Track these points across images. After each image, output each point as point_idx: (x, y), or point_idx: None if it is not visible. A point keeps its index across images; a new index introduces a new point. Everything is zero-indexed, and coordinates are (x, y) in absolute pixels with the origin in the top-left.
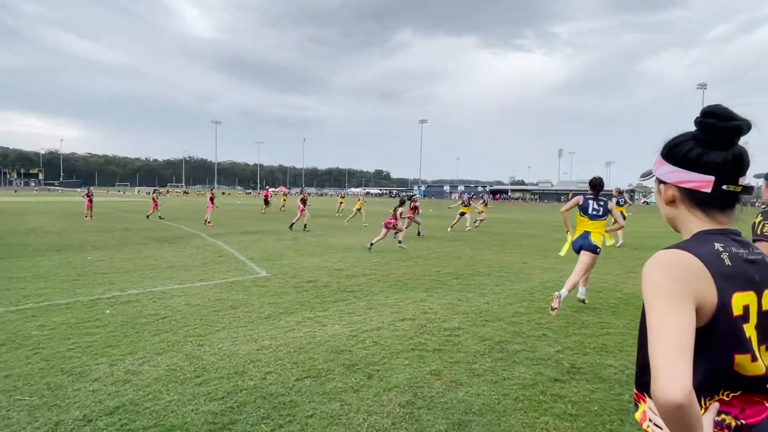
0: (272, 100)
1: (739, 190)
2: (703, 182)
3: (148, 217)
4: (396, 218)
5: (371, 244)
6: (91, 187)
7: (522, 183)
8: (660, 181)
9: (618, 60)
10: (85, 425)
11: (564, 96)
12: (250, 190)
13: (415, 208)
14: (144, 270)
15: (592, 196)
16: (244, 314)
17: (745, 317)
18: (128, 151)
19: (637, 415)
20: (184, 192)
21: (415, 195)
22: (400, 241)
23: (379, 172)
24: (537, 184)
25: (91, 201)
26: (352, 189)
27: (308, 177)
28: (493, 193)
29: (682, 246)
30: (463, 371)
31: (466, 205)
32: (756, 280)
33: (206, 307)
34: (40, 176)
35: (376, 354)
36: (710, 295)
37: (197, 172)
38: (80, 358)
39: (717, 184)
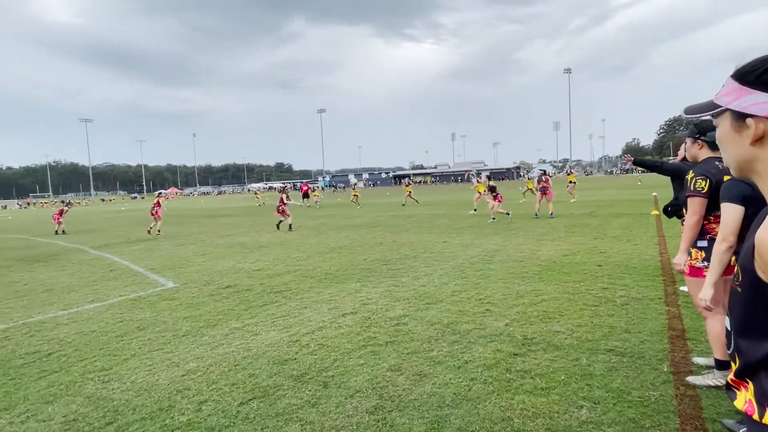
0: (154, 93)
1: None
2: None
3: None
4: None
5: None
6: None
7: (421, 167)
8: (741, 115)
9: (498, 49)
10: None
11: (453, 83)
12: (135, 195)
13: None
14: (11, 298)
15: None
16: (156, 335)
17: None
18: None
19: (739, 404)
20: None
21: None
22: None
23: (280, 165)
24: (435, 167)
25: None
26: (253, 185)
27: (202, 175)
28: (396, 178)
29: None
30: (423, 361)
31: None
32: None
33: (105, 333)
34: None
35: (326, 358)
36: None
37: (67, 179)
38: None
39: None
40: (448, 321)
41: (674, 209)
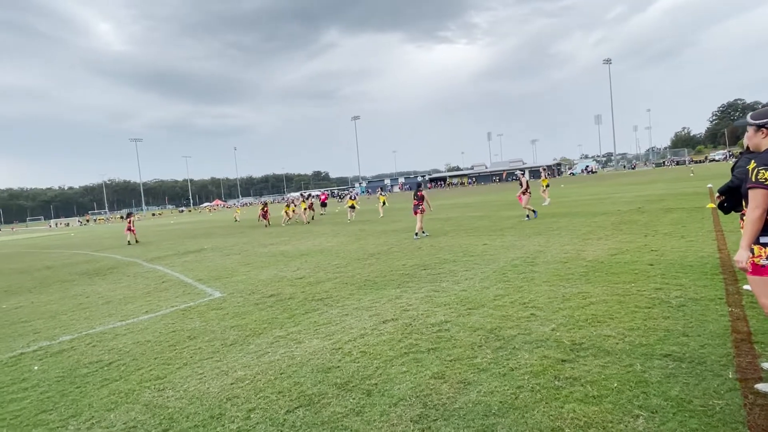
0: (197, 111)
1: None
2: None
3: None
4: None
5: None
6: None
7: (458, 168)
8: None
9: (533, 44)
10: None
11: (488, 82)
12: (183, 208)
13: None
14: (75, 310)
15: None
16: (205, 344)
17: None
18: (38, 181)
19: None
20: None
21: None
22: None
23: (317, 174)
24: (472, 168)
25: None
26: (292, 194)
27: (244, 187)
28: (432, 180)
29: None
30: (467, 368)
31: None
32: None
33: (159, 343)
34: None
35: (368, 365)
36: None
37: (121, 196)
38: None
39: None
40: (492, 326)
41: (730, 203)
